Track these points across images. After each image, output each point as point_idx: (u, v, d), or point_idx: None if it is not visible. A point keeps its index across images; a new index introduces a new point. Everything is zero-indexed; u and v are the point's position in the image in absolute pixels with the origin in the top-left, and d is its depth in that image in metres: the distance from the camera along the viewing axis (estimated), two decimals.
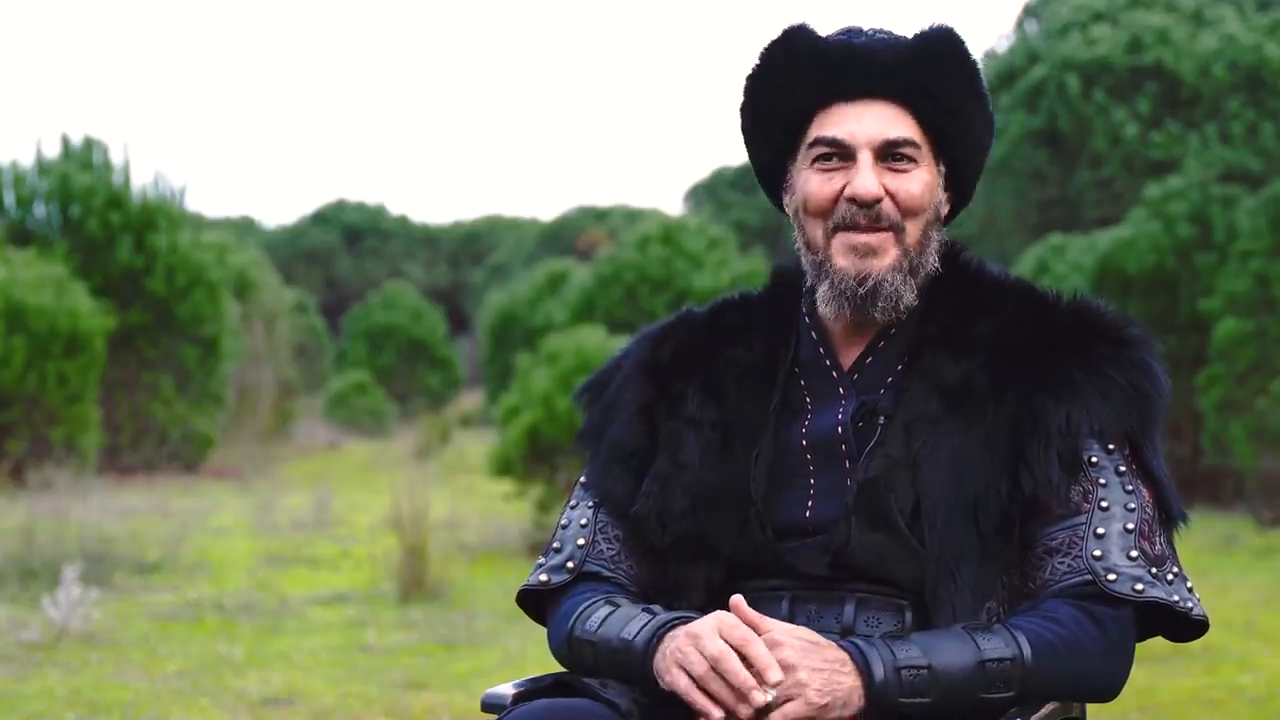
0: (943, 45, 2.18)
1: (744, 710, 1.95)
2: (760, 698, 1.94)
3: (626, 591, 2.22)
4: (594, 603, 2.18)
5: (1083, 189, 22.30)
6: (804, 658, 1.97)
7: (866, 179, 2.14)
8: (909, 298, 2.18)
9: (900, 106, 2.17)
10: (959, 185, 2.26)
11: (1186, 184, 13.31)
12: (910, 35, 2.19)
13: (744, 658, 1.96)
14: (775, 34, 2.21)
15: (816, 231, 2.19)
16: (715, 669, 1.96)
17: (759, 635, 1.97)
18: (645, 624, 2.09)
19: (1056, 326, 2.18)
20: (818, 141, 2.18)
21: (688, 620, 2.05)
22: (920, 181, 2.17)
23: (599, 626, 2.14)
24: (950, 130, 2.20)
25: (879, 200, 2.15)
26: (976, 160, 2.25)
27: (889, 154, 2.16)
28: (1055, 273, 14.52)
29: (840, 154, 2.17)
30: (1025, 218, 22.66)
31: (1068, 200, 22.46)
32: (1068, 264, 14.70)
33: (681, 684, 1.99)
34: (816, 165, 2.18)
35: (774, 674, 1.95)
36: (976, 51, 2.23)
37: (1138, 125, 21.96)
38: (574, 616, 2.18)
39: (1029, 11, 25.39)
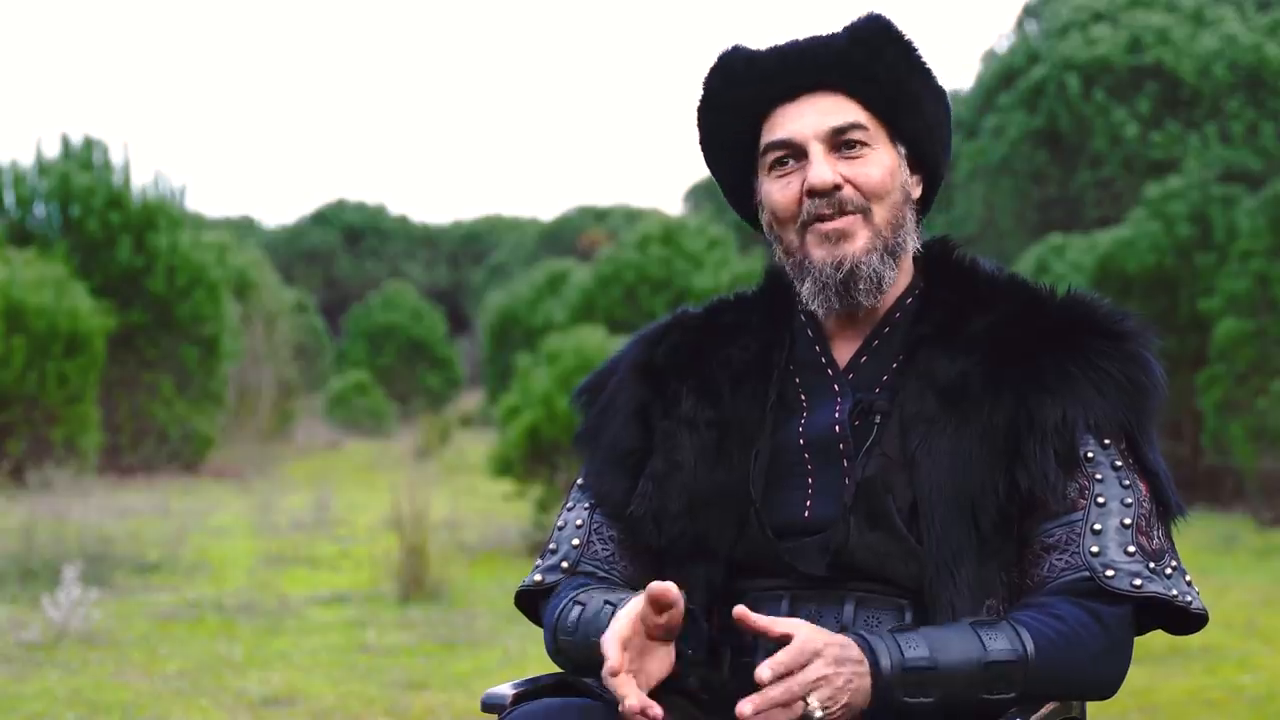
0: (873, 29, 2.18)
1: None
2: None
3: (603, 583, 2.22)
4: (565, 605, 2.18)
5: (1083, 189, 22.31)
6: (833, 666, 1.92)
7: (820, 169, 2.15)
8: (890, 277, 2.18)
9: (842, 95, 2.18)
10: (927, 163, 2.25)
11: (1186, 184, 13.32)
12: (841, 29, 2.20)
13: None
14: (710, 63, 2.24)
15: (790, 236, 2.20)
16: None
17: (777, 634, 1.92)
18: (608, 619, 2.09)
19: (1051, 322, 2.18)
20: (769, 147, 2.20)
21: None
22: (877, 164, 2.17)
23: (574, 629, 2.15)
24: (899, 110, 2.20)
25: (838, 187, 2.15)
26: (935, 136, 2.24)
27: (840, 143, 2.17)
28: (1055, 273, 14.52)
29: (793, 154, 2.18)
30: (1025, 218, 22.67)
31: (1068, 200, 22.47)
32: (1068, 264, 14.71)
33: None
34: (774, 172, 2.20)
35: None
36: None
37: (1138, 125, 21.97)
38: (554, 621, 2.19)
39: (1029, 11, 25.41)
